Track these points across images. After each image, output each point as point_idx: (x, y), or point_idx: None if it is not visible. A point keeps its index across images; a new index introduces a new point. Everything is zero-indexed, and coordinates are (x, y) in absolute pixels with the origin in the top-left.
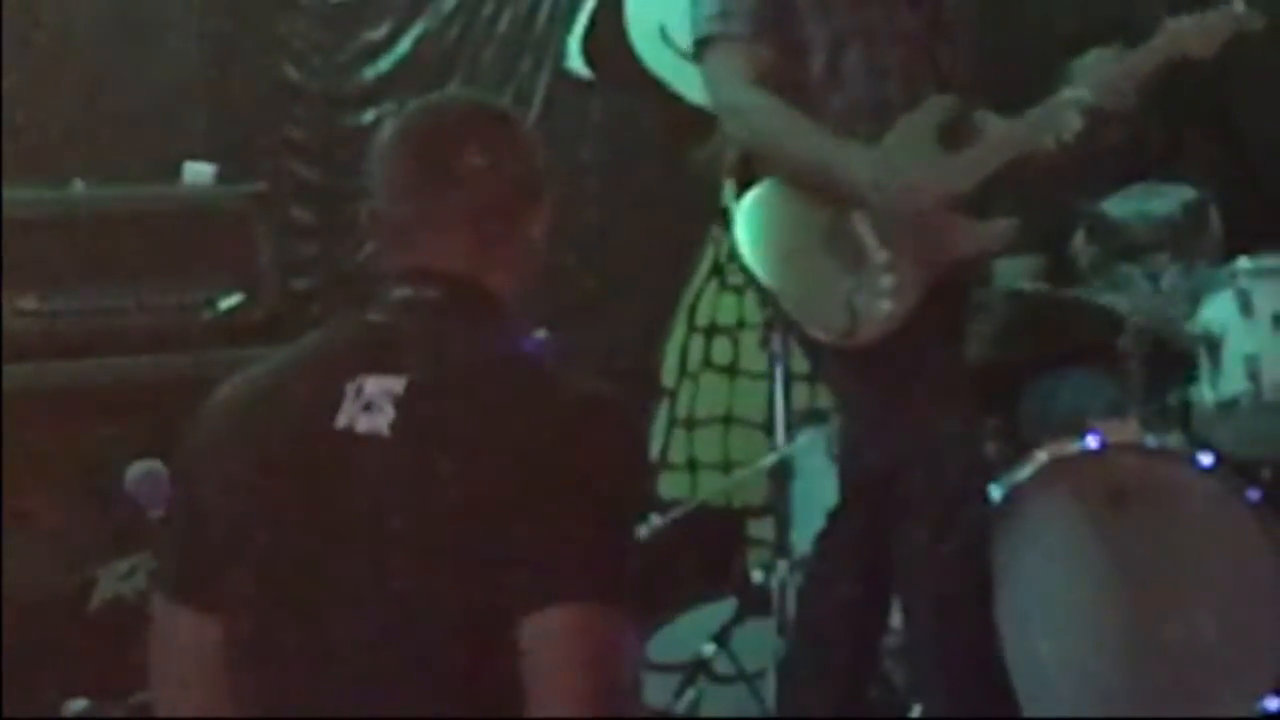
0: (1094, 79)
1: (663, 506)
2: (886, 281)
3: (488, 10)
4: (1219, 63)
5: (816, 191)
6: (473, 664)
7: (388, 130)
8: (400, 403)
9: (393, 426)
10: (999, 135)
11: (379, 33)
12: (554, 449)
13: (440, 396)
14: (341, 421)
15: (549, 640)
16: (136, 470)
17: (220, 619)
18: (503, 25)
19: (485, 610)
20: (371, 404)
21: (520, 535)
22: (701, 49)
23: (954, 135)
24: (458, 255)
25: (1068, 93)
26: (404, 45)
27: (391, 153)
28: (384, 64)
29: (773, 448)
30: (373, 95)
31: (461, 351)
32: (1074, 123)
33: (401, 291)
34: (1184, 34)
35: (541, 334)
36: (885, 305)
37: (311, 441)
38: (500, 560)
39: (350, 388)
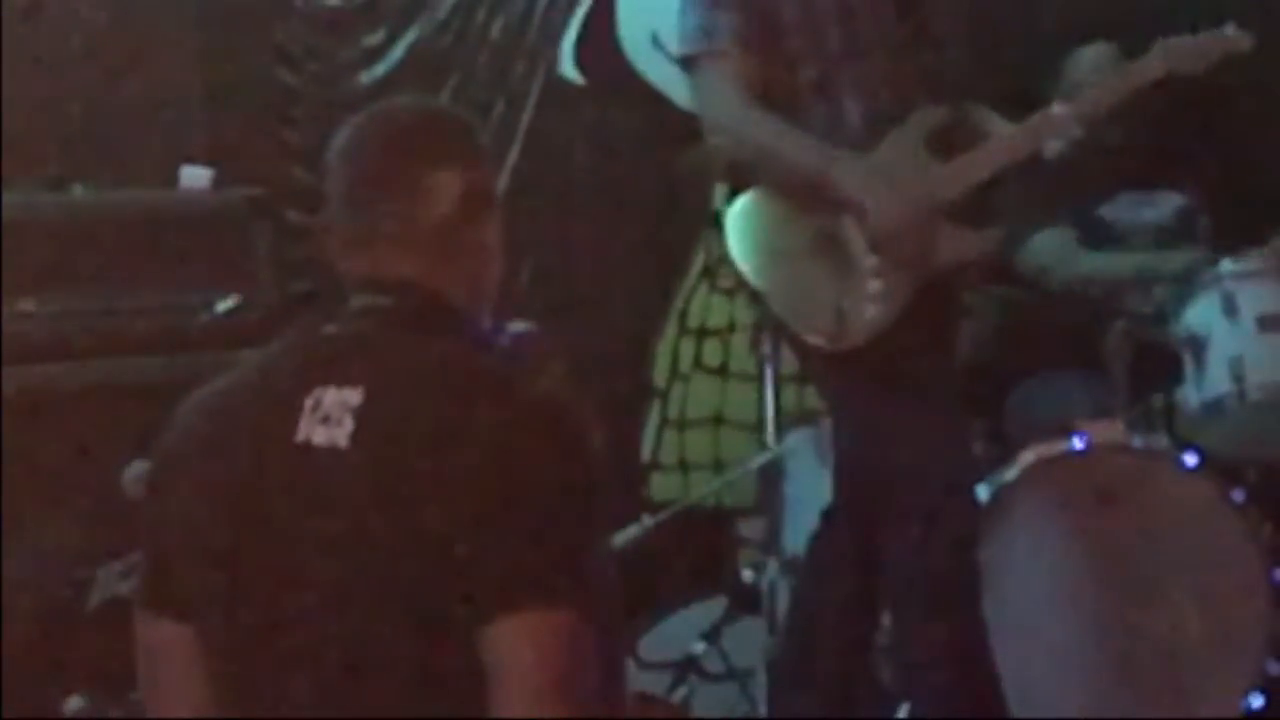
0: (1089, 92)
1: (654, 507)
2: (874, 286)
3: (481, 17)
4: (1207, 72)
5: (804, 197)
6: (433, 671)
7: (341, 137)
8: (358, 414)
9: (351, 438)
10: (992, 143)
11: (374, 39)
12: (510, 457)
13: (397, 408)
14: (300, 435)
15: (508, 648)
16: (133, 471)
17: (193, 627)
18: (495, 32)
19: (445, 619)
20: (329, 416)
21: (479, 544)
22: (688, 62)
23: (948, 141)
24: (412, 263)
25: (1057, 106)
26: (399, 51)
27: (345, 160)
28: (379, 69)
29: (763, 448)
30: (368, 100)
31: (417, 361)
32: (1071, 132)
33: (357, 300)
34: (1176, 54)
35: (521, 326)
36: (872, 309)
37: (272, 455)
38: (459, 570)
39: (308, 401)
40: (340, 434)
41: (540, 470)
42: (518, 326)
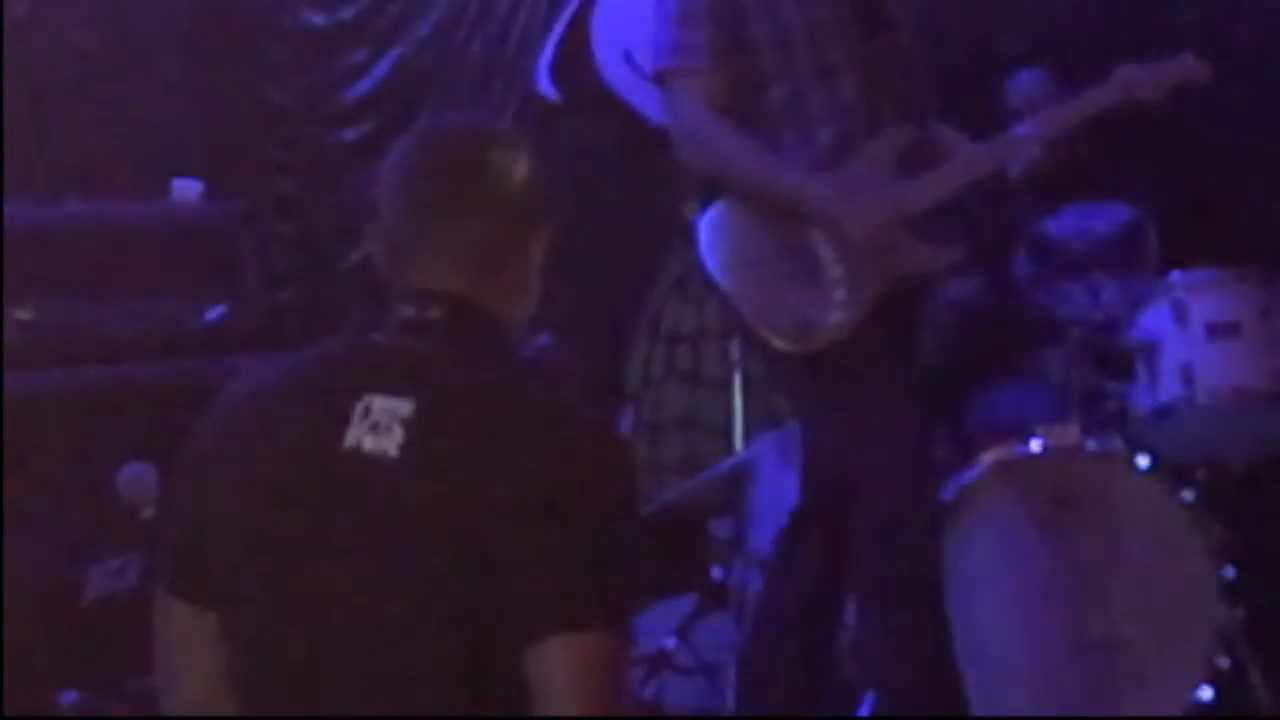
0: (1049, 114)
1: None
2: (839, 294)
3: (460, 36)
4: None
5: (773, 208)
6: (471, 688)
7: (400, 149)
8: (409, 425)
9: (401, 448)
10: (956, 161)
11: (358, 57)
12: (559, 482)
13: (447, 422)
14: (349, 441)
15: (554, 669)
16: (128, 472)
17: (217, 616)
18: (475, 50)
19: (487, 635)
20: (379, 425)
21: (525, 565)
22: (662, 79)
23: (915, 159)
24: (461, 277)
25: (1022, 129)
26: (382, 69)
27: (401, 173)
28: (363, 86)
29: (732, 451)
30: (352, 116)
31: (467, 376)
32: (1030, 154)
33: (405, 311)
34: (1134, 81)
35: (543, 339)
36: (836, 316)
37: (319, 458)
38: (503, 589)
39: (359, 406)
40: (390, 443)
41: (587, 496)
42: (540, 339)
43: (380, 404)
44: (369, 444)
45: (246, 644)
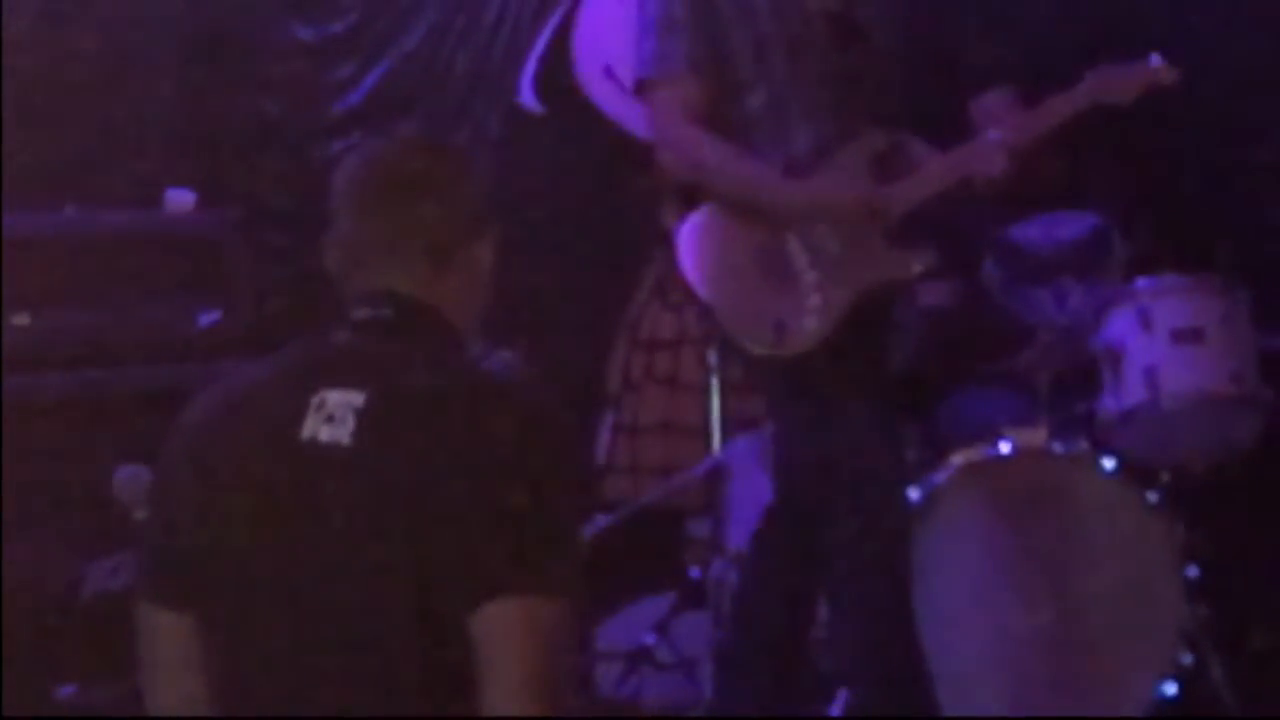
0: (1018, 121)
1: (609, 507)
2: (814, 300)
3: (446, 51)
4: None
5: (750, 216)
6: (427, 656)
7: (350, 163)
8: (361, 414)
9: (353, 436)
10: (928, 169)
11: (347, 70)
12: (502, 455)
13: (397, 409)
14: (306, 432)
15: (495, 630)
16: (122, 474)
17: (194, 616)
18: (460, 65)
19: (438, 605)
20: (333, 416)
21: (469, 535)
22: (643, 87)
23: (886, 167)
24: (412, 280)
25: (993, 134)
26: (370, 82)
27: (352, 185)
28: (352, 99)
29: (710, 453)
30: (341, 128)
31: (416, 368)
32: (999, 163)
33: (360, 312)
34: (1103, 84)
35: (506, 354)
36: (811, 322)
37: (279, 450)
38: (452, 558)
39: (314, 400)
40: (343, 432)
41: (524, 470)
42: (503, 354)
43: (334, 397)
44: (325, 434)
45: (220, 639)
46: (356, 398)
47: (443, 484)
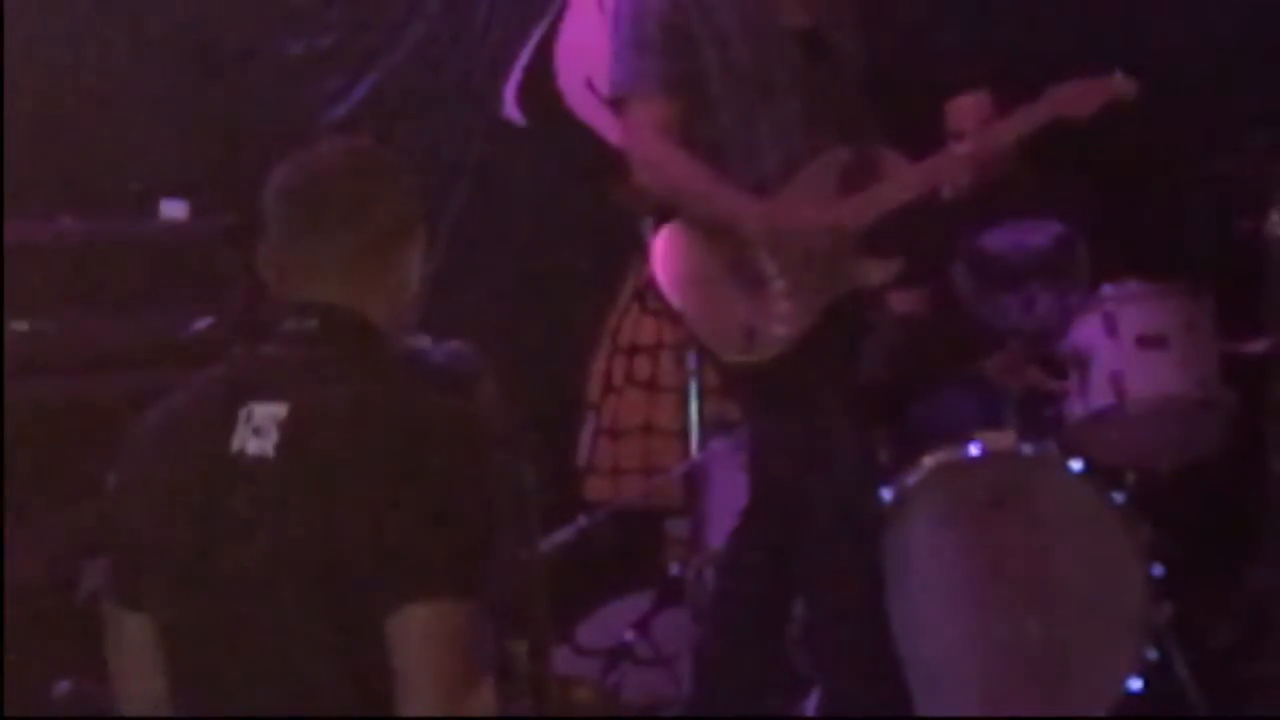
0: (982, 134)
1: (590, 508)
2: (783, 308)
3: (433, 64)
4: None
5: (722, 227)
6: (348, 661)
7: (276, 175)
8: (283, 426)
9: (277, 448)
10: (894, 180)
11: (335, 83)
12: (414, 462)
13: (316, 420)
14: (235, 445)
15: (406, 636)
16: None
17: (150, 620)
18: (446, 76)
19: (357, 610)
20: (260, 428)
21: (383, 543)
22: (618, 105)
23: (855, 177)
24: (337, 289)
25: (959, 146)
26: (359, 93)
27: (276, 197)
28: (340, 110)
29: (688, 455)
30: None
31: (336, 378)
32: (965, 174)
33: (289, 324)
34: (1065, 99)
35: (455, 345)
36: (781, 329)
37: (210, 463)
38: (368, 566)
39: (242, 413)
40: (268, 444)
41: (440, 474)
42: (452, 345)
43: (260, 410)
44: (252, 446)
45: (169, 642)
46: (280, 410)
47: (357, 493)
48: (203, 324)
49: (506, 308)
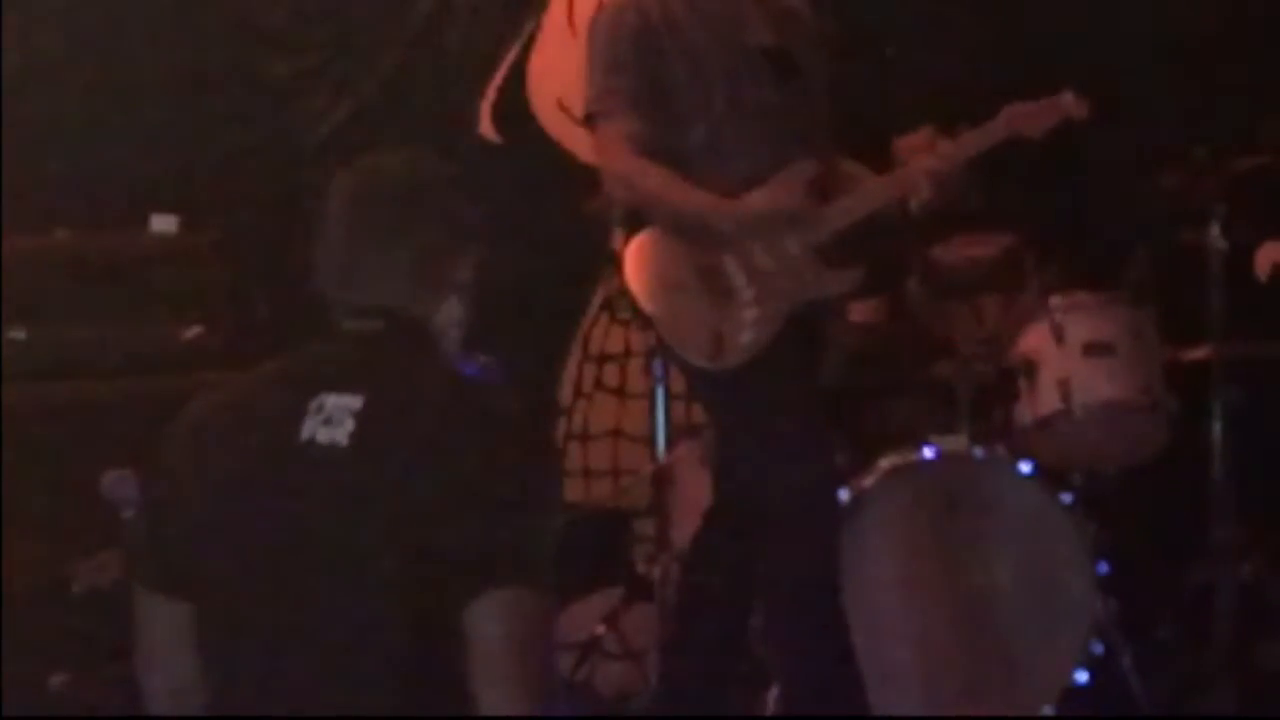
0: (943, 148)
1: (561, 508)
2: (750, 315)
3: (412, 84)
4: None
5: (691, 238)
6: (419, 653)
7: (340, 181)
8: (359, 417)
9: (351, 437)
10: (858, 193)
11: (319, 102)
12: (488, 455)
13: (391, 413)
14: (305, 433)
15: (484, 622)
16: (110, 477)
17: (190, 604)
18: (425, 96)
19: (431, 600)
20: (331, 418)
21: (458, 532)
22: (591, 120)
23: (820, 190)
24: (398, 294)
25: (919, 163)
26: (341, 113)
27: (343, 201)
28: (323, 129)
29: (655, 458)
30: (315, 156)
31: (406, 376)
32: (924, 191)
33: (350, 324)
34: (1018, 118)
35: (483, 360)
36: (748, 335)
37: (279, 450)
38: (442, 555)
39: (313, 404)
40: (341, 433)
41: (516, 466)
42: (481, 359)
43: (333, 400)
44: (323, 435)
45: (216, 630)
46: (354, 401)
47: (434, 483)
48: (192, 333)
49: (481, 315)
